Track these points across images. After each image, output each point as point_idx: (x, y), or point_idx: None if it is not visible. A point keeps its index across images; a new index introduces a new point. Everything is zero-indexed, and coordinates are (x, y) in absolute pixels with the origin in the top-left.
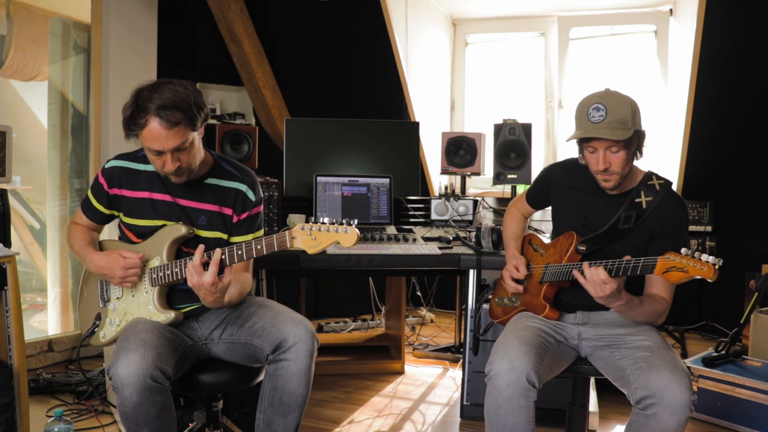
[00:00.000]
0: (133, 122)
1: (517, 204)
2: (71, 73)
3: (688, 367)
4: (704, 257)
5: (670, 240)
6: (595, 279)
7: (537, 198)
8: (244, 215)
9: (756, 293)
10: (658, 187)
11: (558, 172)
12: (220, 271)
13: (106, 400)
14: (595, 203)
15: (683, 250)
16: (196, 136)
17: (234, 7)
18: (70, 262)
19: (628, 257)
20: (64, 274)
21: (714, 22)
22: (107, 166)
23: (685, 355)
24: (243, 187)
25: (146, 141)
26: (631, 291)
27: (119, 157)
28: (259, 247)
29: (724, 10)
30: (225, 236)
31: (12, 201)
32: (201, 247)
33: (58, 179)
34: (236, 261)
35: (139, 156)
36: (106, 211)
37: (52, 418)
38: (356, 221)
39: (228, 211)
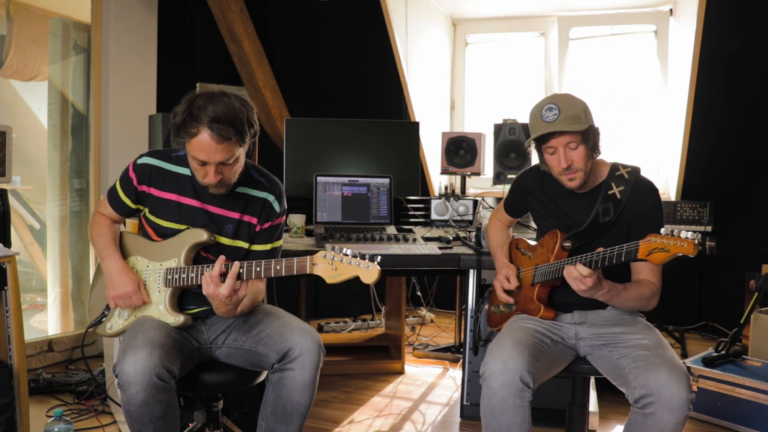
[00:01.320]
0: (184, 129)
1: (498, 215)
2: (71, 73)
3: (688, 367)
4: (683, 234)
5: (648, 224)
6: (574, 275)
7: (514, 206)
8: (266, 225)
9: (756, 293)
10: (626, 176)
11: (531, 178)
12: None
13: (106, 399)
14: (570, 203)
15: (662, 231)
16: (242, 152)
17: (234, 7)
18: (70, 262)
19: (600, 249)
20: (64, 274)
21: (714, 22)
22: (139, 161)
23: (685, 355)
24: (270, 198)
25: (194, 150)
26: (619, 280)
27: (152, 154)
28: (278, 267)
29: (724, 10)
30: (247, 245)
31: (12, 201)
32: (222, 258)
33: (58, 179)
34: (253, 277)
35: (172, 157)
36: (133, 205)
37: (52, 418)
38: (379, 258)
39: (254, 219)
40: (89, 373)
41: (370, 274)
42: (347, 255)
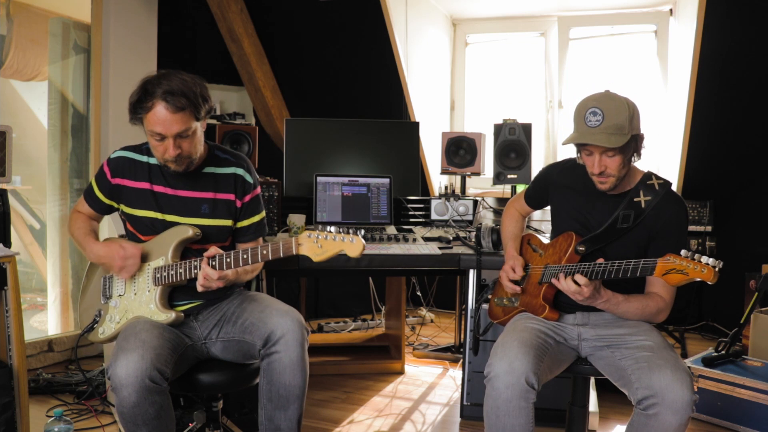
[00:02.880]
0: (139, 105)
1: (515, 204)
2: (71, 73)
3: (688, 367)
4: (704, 259)
5: (671, 241)
6: (570, 289)
7: (536, 198)
8: (246, 198)
9: (756, 293)
10: (657, 187)
11: (557, 172)
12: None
13: (106, 399)
14: (594, 204)
15: (683, 252)
16: (199, 127)
17: (234, 7)
18: (70, 262)
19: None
20: (64, 274)
21: (714, 22)
22: (113, 156)
23: (685, 355)
24: (240, 171)
25: (150, 124)
26: (632, 290)
27: (125, 148)
28: (264, 252)
29: (724, 10)
30: (230, 222)
31: (12, 201)
32: (204, 266)
33: (58, 179)
34: (241, 265)
35: (143, 148)
36: (106, 201)
37: (52, 418)
38: (362, 231)
39: (230, 196)
40: (84, 377)
41: (354, 247)
42: (331, 232)
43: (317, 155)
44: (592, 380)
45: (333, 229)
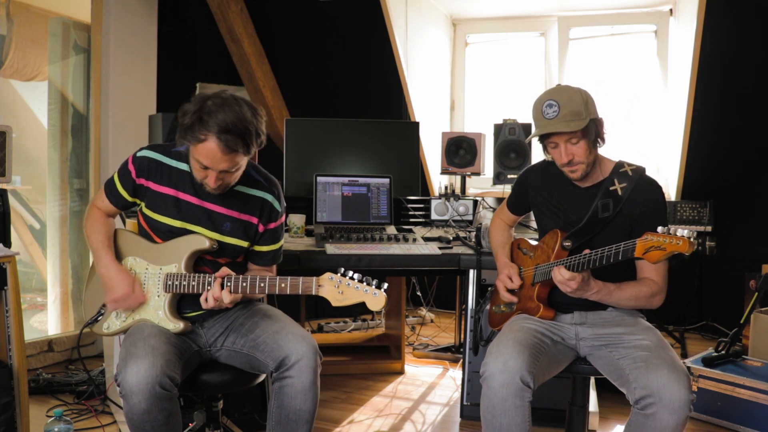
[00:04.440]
0: (191, 133)
1: (500, 215)
2: (71, 73)
3: (688, 367)
4: (680, 232)
5: (651, 222)
6: (559, 279)
7: (517, 204)
8: (271, 225)
9: (756, 293)
10: (630, 173)
11: (533, 175)
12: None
13: (106, 399)
14: (572, 198)
15: (660, 229)
16: (246, 161)
17: (234, 7)
18: (70, 262)
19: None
20: (64, 274)
21: (714, 22)
22: (139, 154)
23: (685, 355)
24: (269, 197)
25: (198, 155)
26: (622, 279)
27: (153, 148)
28: (283, 285)
29: (724, 10)
30: (246, 244)
31: (12, 201)
32: (219, 280)
33: (58, 179)
34: (257, 292)
35: (172, 151)
36: (129, 198)
37: (52, 418)
38: (386, 285)
39: (253, 219)
40: (87, 375)
41: (376, 301)
42: (354, 279)
43: (317, 155)
44: (592, 380)
45: (357, 276)
